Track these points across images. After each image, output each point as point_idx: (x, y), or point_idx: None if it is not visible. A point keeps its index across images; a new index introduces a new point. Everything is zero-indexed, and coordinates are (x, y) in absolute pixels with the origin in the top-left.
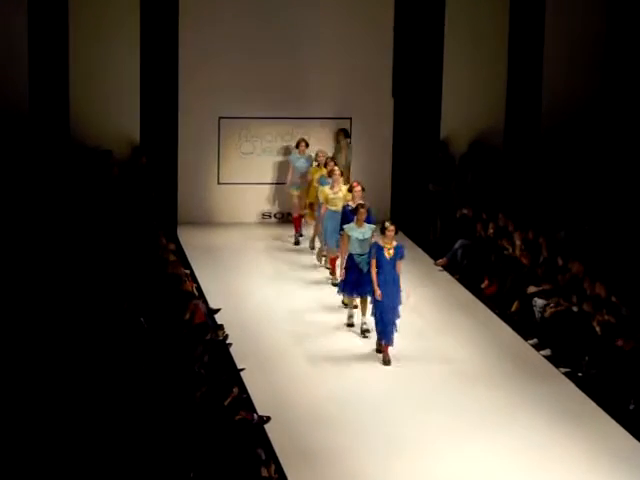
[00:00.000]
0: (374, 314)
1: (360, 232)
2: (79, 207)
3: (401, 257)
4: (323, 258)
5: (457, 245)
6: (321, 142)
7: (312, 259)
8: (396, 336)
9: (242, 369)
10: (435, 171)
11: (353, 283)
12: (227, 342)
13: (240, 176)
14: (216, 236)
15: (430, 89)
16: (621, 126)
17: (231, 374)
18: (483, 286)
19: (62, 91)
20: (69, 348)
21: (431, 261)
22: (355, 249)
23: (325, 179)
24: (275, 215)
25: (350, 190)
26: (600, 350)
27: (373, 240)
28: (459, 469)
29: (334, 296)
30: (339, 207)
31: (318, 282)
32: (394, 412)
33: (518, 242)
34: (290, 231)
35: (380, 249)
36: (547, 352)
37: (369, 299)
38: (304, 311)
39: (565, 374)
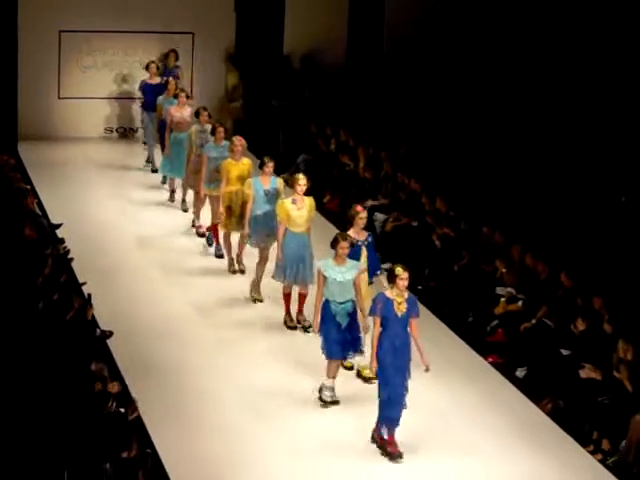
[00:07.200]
0: (380, 394)
1: (339, 272)
2: None
3: (417, 314)
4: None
5: (299, 160)
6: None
7: (154, 177)
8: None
9: (83, 283)
10: (278, 86)
11: (336, 342)
12: (68, 257)
13: (81, 91)
14: (57, 151)
15: (272, 3)
16: (464, 40)
17: (73, 288)
18: (325, 200)
19: None
20: None
21: None
22: (333, 295)
23: (259, 180)
24: (117, 130)
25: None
26: (439, 263)
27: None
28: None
29: (178, 212)
30: (304, 229)
31: (161, 202)
32: (241, 329)
33: (361, 157)
34: (134, 148)
35: (389, 303)
36: (387, 265)
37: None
38: (147, 226)
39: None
